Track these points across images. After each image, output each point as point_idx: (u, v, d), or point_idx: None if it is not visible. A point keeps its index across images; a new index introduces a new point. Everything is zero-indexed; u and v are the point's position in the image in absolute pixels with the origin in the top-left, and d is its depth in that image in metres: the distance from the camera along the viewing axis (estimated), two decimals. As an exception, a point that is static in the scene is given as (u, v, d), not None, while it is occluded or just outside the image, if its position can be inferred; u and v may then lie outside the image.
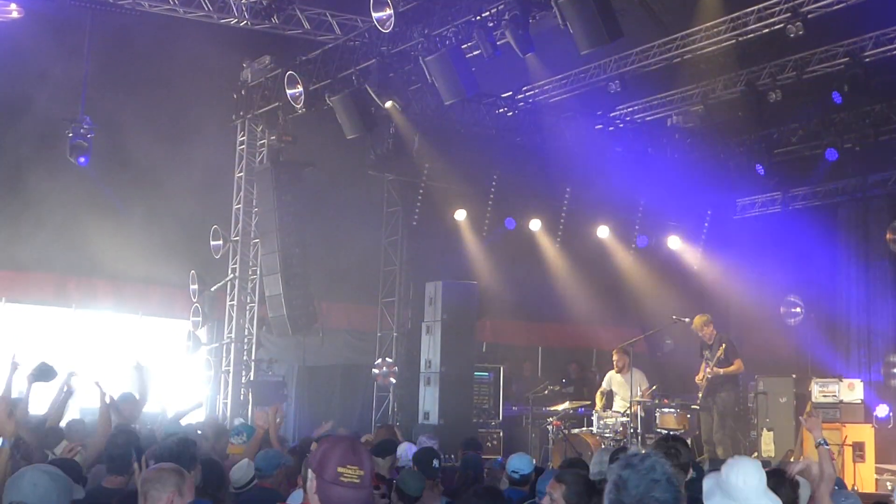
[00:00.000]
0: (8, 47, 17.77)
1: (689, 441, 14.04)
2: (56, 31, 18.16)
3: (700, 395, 17.38)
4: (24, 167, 19.30)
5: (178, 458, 6.74)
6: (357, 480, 4.33)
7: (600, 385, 18.32)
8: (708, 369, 17.25)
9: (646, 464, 4.00)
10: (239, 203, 21.13)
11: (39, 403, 10.57)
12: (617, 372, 17.86)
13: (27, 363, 9.84)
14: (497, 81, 19.65)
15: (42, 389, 10.06)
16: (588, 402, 18.22)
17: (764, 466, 5.17)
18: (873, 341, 21.77)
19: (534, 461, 8.99)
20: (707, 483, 5.11)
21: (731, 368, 17.23)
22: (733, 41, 17.67)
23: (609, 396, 17.93)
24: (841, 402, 16.89)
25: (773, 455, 17.38)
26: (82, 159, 17.09)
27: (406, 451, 10.28)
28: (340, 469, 4.32)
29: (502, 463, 11.08)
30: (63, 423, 10.39)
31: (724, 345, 17.22)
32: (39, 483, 4.97)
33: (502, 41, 15.31)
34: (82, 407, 13.43)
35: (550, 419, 17.98)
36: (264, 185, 20.10)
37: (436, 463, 9.16)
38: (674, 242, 23.35)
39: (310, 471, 4.42)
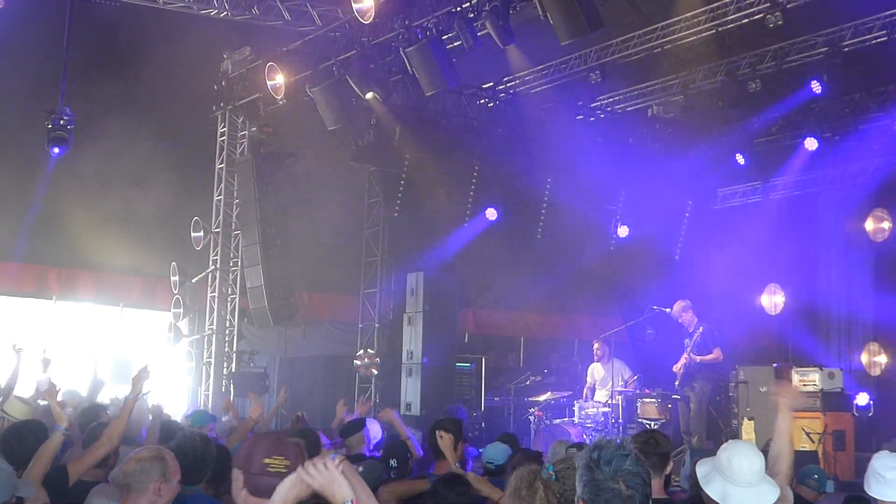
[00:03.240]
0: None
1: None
2: (36, 21, 18.08)
3: (676, 383, 17.30)
4: (3, 158, 19.23)
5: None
6: (284, 470, 4.41)
7: (584, 375, 18.33)
8: (685, 356, 17.16)
9: (614, 443, 4.08)
10: (220, 194, 21.11)
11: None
12: (597, 361, 17.87)
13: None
14: (478, 72, 19.66)
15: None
16: (570, 393, 18.22)
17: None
18: (853, 330, 21.86)
19: (509, 450, 8.90)
20: (702, 469, 5.10)
21: (710, 357, 17.05)
22: (713, 31, 17.68)
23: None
24: (821, 390, 16.93)
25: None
26: (56, 150, 17.03)
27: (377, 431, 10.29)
28: (267, 460, 4.46)
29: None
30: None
31: (700, 328, 17.11)
32: None
33: (483, 32, 15.29)
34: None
35: (532, 409, 17.99)
36: (245, 177, 20.08)
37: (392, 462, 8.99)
38: (655, 232, 23.35)
39: (235, 470, 4.53)
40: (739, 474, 4.93)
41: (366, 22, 16.02)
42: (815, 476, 8.72)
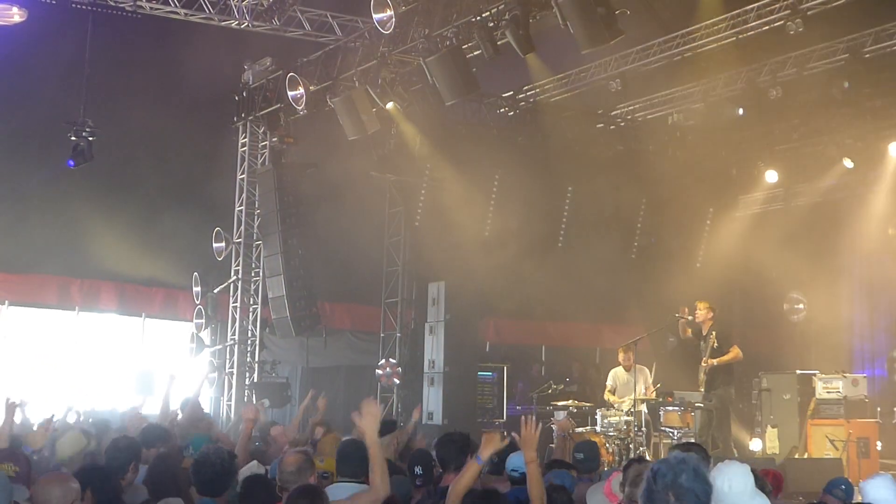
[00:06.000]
0: (9, 50, 17.81)
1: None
2: (57, 34, 18.19)
3: (701, 389, 17.04)
4: (26, 169, 19.35)
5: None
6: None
7: (604, 383, 18.23)
8: (703, 361, 16.89)
9: (678, 457, 4.11)
10: (241, 205, 21.14)
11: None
12: (620, 365, 17.67)
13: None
14: (498, 81, 19.66)
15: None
16: (591, 404, 18.04)
17: (767, 464, 5.16)
18: (876, 337, 21.77)
19: None
20: None
21: (728, 357, 16.76)
22: (733, 38, 17.68)
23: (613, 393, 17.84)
24: (845, 398, 16.85)
25: (777, 452, 17.35)
26: (71, 162, 17.17)
27: None
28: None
29: None
30: None
31: (713, 333, 16.87)
32: None
33: (503, 41, 15.30)
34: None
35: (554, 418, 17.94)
36: (266, 187, 20.12)
37: (417, 469, 8.93)
38: (676, 240, 23.25)
39: None
40: (722, 494, 4.88)
41: (386, 32, 16.03)
42: (843, 486, 8.68)
